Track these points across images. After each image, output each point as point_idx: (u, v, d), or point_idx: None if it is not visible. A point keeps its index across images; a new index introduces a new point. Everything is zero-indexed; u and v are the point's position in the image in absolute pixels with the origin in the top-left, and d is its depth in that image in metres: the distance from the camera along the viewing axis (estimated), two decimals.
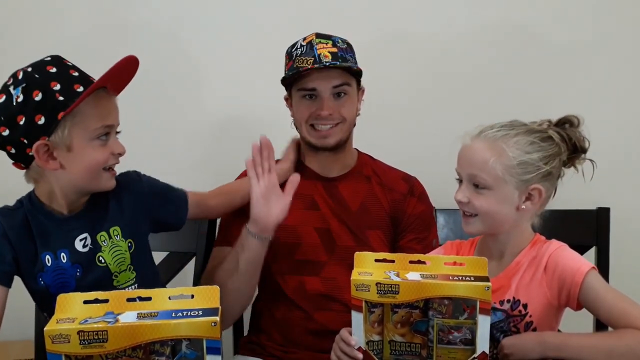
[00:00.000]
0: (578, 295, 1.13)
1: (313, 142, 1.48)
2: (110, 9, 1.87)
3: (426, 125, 1.87)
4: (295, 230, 1.48)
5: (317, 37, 1.45)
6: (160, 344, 0.90)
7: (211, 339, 0.88)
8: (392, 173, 1.56)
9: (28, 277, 1.21)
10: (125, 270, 1.25)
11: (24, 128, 1.12)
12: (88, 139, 1.15)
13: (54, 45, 1.83)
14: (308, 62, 1.41)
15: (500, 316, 1.17)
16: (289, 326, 1.46)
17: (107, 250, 1.23)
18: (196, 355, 0.90)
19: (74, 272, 1.21)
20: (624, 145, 1.86)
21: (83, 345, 0.86)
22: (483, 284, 0.99)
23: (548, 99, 1.86)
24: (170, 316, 0.89)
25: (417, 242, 1.48)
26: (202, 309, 0.91)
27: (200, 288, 0.94)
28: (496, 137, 1.16)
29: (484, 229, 1.20)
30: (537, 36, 1.87)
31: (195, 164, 1.88)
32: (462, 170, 1.19)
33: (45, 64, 1.15)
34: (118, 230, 1.25)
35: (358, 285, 1.02)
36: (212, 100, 1.89)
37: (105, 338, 0.86)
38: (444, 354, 1.03)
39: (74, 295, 0.93)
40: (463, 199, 1.17)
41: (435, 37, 1.87)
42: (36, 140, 1.12)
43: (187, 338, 0.89)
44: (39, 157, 1.14)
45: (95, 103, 1.15)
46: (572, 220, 1.62)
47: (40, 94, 1.11)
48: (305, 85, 1.44)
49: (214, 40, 1.87)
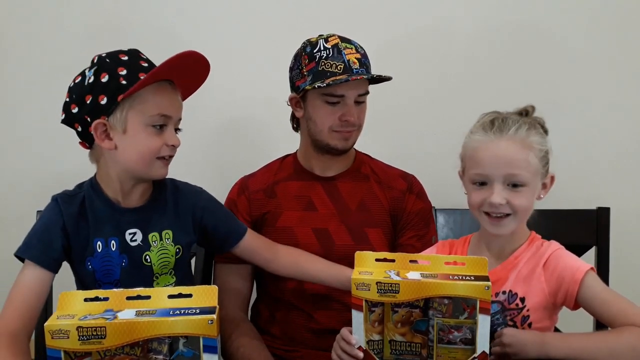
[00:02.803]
0: (577, 294, 1.13)
1: (334, 145, 1.46)
2: (111, 8, 1.87)
3: (426, 125, 1.87)
4: (293, 231, 1.48)
5: (342, 41, 1.43)
6: (158, 342, 0.90)
7: (208, 337, 0.89)
8: (390, 171, 1.57)
9: (78, 261, 1.26)
10: (166, 274, 1.29)
11: (90, 107, 1.19)
12: (143, 124, 1.20)
13: (54, 45, 1.86)
14: (338, 68, 1.40)
15: (496, 308, 1.18)
16: (289, 326, 1.46)
17: (155, 251, 1.27)
18: (193, 353, 0.90)
19: (120, 261, 1.25)
20: (624, 145, 1.86)
21: (82, 341, 0.87)
22: (483, 283, 0.99)
23: (548, 99, 1.85)
24: (168, 314, 0.90)
25: (417, 239, 1.48)
26: (200, 308, 0.91)
27: (199, 287, 0.95)
28: (521, 132, 1.16)
29: (516, 227, 1.19)
30: (538, 36, 1.87)
31: (195, 164, 1.87)
32: (494, 171, 1.15)
33: (119, 53, 1.23)
34: (170, 234, 1.29)
35: (358, 284, 1.02)
36: (212, 101, 1.89)
37: (103, 334, 0.87)
38: (444, 353, 1.03)
39: (76, 293, 0.94)
40: (502, 201, 1.14)
41: (435, 37, 1.87)
42: (97, 119, 1.19)
43: (184, 336, 0.90)
44: (97, 135, 1.20)
45: (156, 92, 1.20)
46: (572, 220, 1.62)
47: (107, 76, 1.18)
48: (334, 92, 1.41)
49: (214, 40, 1.87)
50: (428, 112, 1.88)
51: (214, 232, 1.36)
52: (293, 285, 1.46)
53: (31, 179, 1.88)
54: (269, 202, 1.51)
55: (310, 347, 1.43)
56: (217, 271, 1.51)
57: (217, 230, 1.36)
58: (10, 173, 1.91)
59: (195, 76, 1.27)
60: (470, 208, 1.22)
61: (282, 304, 1.48)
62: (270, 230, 1.49)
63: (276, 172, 1.55)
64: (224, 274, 1.50)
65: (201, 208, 1.33)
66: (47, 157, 1.89)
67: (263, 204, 1.51)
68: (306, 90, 1.44)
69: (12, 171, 1.91)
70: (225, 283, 1.48)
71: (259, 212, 1.51)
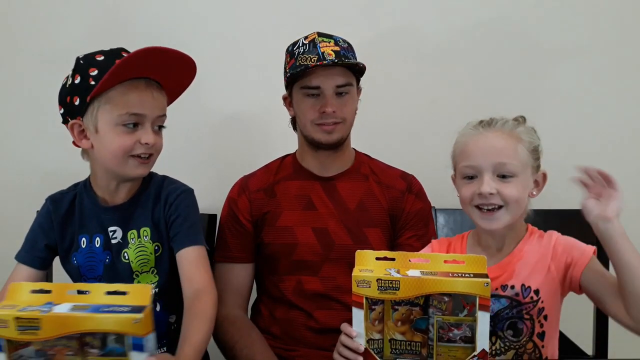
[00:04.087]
0: (581, 274, 1.14)
1: (318, 138, 1.47)
2: (111, 8, 1.88)
3: (425, 125, 1.87)
4: (292, 230, 1.48)
5: (319, 35, 1.46)
6: (92, 336, 0.94)
7: (135, 336, 0.91)
8: (389, 171, 1.57)
9: (64, 257, 1.31)
10: (147, 272, 1.29)
11: (68, 108, 1.23)
12: (113, 124, 1.21)
13: (54, 45, 1.86)
14: (312, 60, 1.41)
15: (505, 303, 1.18)
16: (289, 325, 1.47)
17: (132, 248, 1.28)
18: (122, 350, 0.93)
19: (104, 257, 1.28)
20: (623, 145, 1.86)
21: (20, 331, 0.92)
22: (482, 280, 0.99)
23: (549, 99, 1.87)
24: (99, 310, 0.93)
25: (416, 240, 1.49)
26: (132, 306, 0.94)
27: (135, 286, 0.98)
28: (508, 126, 1.18)
29: (509, 221, 1.18)
30: (539, 37, 1.87)
31: (195, 164, 1.88)
32: (483, 161, 1.16)
33: (98, 53, 1.24)
34: (148, 231, 1.29)
35: (359, 281, 1.02)
36: (211, 100, 1.89)
37: (38, 326, 0.91)
38: (444, 352, 1.03)
39: (24, 284, 0.99)
40: (492, 190, 1.15)
41: (435, 36, 1.88)
42: (73, 119, 1.23)
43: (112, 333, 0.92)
44: (74, 135, 1.24)
45: (127, 91, 1.20)
46: (572, 220, 1.60)
47: (79, 77, 1.21)
48: (309, 83, 1.43)
49: (213, 40, 1.88)
50: (428, 112, 1.88)
51: (170, 228, 1.31)
52: (293, 285, 1.47)
53: (32, 179, 1.88)
54: (269, 201, 1.52)
55: (310, 346, 1.44)
56: (218, 270, 1.51)
57: (172, 227, 1.30)
58: (12, 173, 1.92)
59: (179, 74, 1.26)
60: (462, 204, 1.22)
61: (282, 303, 1.48)
62: (271, 230, 1.49)
63: (276, 171, 1.56)
64: (224, 272, 1.50)
65: (170, 204, 1.30)
66: (50, 156, 1.89)
67: (263, 203, 1.51)
68: (291, 88, 1.48)
69: (14, 171, 1.92)
70: (226, 282, 1.48)
71: (260, 211, 1.51)
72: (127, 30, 1.85)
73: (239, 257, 1.51)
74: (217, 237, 1.57)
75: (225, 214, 1.55)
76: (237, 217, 1.52)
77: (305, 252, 1.47)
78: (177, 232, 1.28)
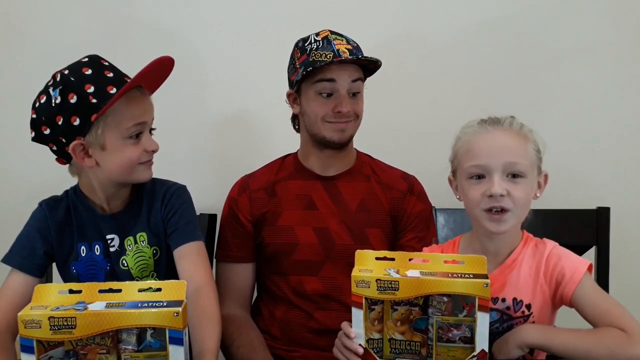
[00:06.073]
0: (572, 293, 1.11)
1: (329, 136, 1.46)
2: (112, 8, 1.88)
3: (426, 125, 1.87)
4: (293, 230, 1.48)
5: (331, 33, 1.46)
6: (127, 333, 0.94)
7: (174, 329, 0.92)
8: (391, 172, 1.57)
9: (62, 265, 1.28)
10: (148, 277, 1.30)
11: (62, 128, 1.18)
12: (121, 138, 1.20)
13: (54, 45, 1.86)
14: (327, 57, 1.41)
15: (495, 316, 1.15)
16: (289, 325, 1.47)
17: (131, 255, 1.28)
18: (160, 344, 0.94)
19: (105, 265, 1.28)
20: (624, 146, 1.86)
21: (53, 330, 0.91)
22: (482, 280, 0.99)
23: (549, 99, 1.86)
24: (137, 306, 0.93)
25: (417, 241, 1.48)
26: (168, 301, 0.95)
27: (168, 282, 0.98)
28: (516, 124, 1.14)
29: (514, 224, 1.14)
30: (540, 37, 1.87)
31: (195, 164, 1.88)
32: (493, 161, 1.10)
33: (82, 66, 1.20)
34: (145, 236, 1.29)
35: (358, 281, 1.03)
36: (212, 101, 1.90)
37: (74, 324, 0.91)
38: (443, 352, 1.03)
39: (51, 285, 0.98)
40: (502, 191, 1.09)
41: (436, 36, 1.87)
42: (73, 140, 1.18)
43: (151, 327, 0.93)
44: (75, 155, 1.20)
45: (128, 103, 1.19)
46: (572, 220, 1.62)
47: (75, 96, 1.16)
48: (324, 76, 1.42)
49: (215, 39, 1.88)
50: (429, 112, 1.88)
51: (167, 226, 1.31)
52: (293, 285, 1.47)
53: (26, 183, 1.88)
54: (270, 201, 1.52)
55: (309, 346, 1.44)
56: (219, 270, 1.51)
57: (169, 224, 1.31)
58: (5, 176, 1.92)
59: (162, 74, 1.26)
60: (467, 207, 1.17)
61: (282, 303, 1.48)
62: (271, 230, 1.49)
63: (277, 171, 1.56)
64: (225, 272, 1.51)
65: (166, 203, 1.31)
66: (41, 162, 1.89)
67: (264, 203, 1.52)
68: (300, 84, 1.46)
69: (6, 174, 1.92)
70: (227, 281, 1.49)
71: (260, 211, 1.51)
72: (128, 30, 1.85)
73: (240, 256, 1.51)
74: (217, 237, 1.57)
75: (225, 213, 1.55)
76: (237, 216, 1.52)
77: (305, 252, 1.47)
78: (175, 229, 1.29)
